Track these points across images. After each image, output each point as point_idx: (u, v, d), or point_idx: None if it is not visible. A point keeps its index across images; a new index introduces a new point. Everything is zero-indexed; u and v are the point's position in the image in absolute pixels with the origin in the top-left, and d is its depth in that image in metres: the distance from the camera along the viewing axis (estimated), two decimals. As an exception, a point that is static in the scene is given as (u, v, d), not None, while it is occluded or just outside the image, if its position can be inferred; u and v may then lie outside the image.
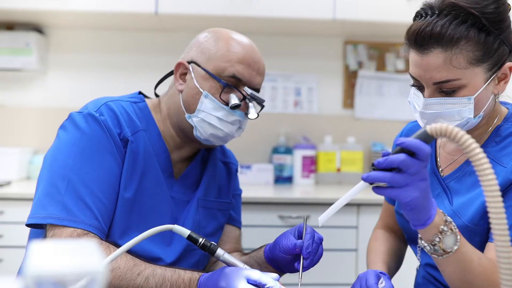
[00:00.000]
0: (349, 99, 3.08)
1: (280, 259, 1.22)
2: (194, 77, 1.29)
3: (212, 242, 1.06)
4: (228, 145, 1.52)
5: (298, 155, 2.90)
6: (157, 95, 1.43)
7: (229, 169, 1.48)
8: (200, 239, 1.05)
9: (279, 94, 3.05)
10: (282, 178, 2.92)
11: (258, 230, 2.35)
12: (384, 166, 0.92)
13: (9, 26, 2.92)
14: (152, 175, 1.28)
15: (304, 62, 3.07)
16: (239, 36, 1.33)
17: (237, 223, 1.50)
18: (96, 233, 1.15)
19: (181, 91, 1.31)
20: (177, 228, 1.02)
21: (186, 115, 1.29)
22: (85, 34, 3.00)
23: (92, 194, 1.16)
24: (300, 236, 1.22)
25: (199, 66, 1.29)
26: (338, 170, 2.98)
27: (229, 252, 1.44)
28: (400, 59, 3.08)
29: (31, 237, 1.31)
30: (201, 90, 1.27)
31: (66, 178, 1.16)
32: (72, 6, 2.60)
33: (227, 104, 1.27)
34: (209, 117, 1.27)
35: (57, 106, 2.93)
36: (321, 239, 1.20)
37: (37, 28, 2.94)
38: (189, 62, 1.31)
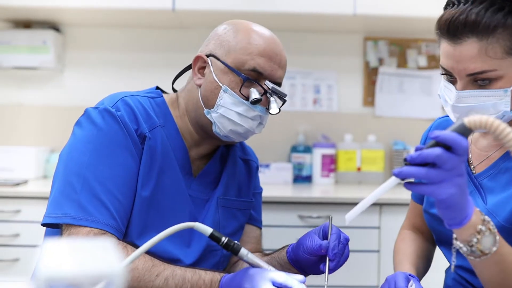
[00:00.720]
0: (369, 97, 3.03)
1: (304, 260, 1.18)
2: (213, 71, 1.24)
3: (235, 241, 1.01)
4: (246, 143, 1.47)
5: (318, 154, 2.85)
6: (175, 90, 1.38)
7: (249, 166, 1.44)
8: (223, 238, 1.00)
9: (298, 91, 3.00)
10: (301, 177, 2.87)
11: (277, 230, 2.30)
12: (418, 161, 0.86)
13: (27, 24, 2.91)
14: (170, 173, 1.24)
15: (323, 59, 3.02)
16: (259, 28, 1.28)
17: (257, 223, 1.45)
18: (113, 233, 1.11)
19: (199, 86, 1.27)
20: (199, 226, 0.97)
21: (205, 110, 1.25)
22: (102, 31, 2.99)
23: (109, 193, 1.12)
24: (325, 237, 1.17)
25: (218, 59, 1.24)
26: (359, 169, 2.92)
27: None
28: (422, 56, 3.01)
29: (47, 236, 1.27)
30: (220, 84, 1.23)
31: (81, 176, 1.12)
32: (88, 3, 2.59)
33: (247, 98, 1.22)
34: (229, 113, 1.22)
35: (74, 104, 2.91)
36: (347, 240, 1.15)
37: (54, 26, 2.93)
38: (207, 56, 1.27)
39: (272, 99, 1.24)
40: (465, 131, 0.85)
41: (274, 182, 2.76)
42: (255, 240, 1.44)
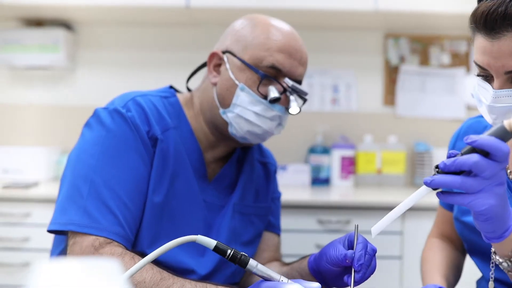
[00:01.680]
0: (390, 96, 2.93)
1: (327, 271, 1.10)
2: (229, 68, 1.17)
3: (243, 253, 0.92)
4: (263, 145, 1.40)
5: (336, 156, 2.77)
6: (189, 90, 1.31)
7: (268, 170, 1.36)
8: (229, 250, 0.90)
9: (316, 91, 2.92)
10: (319, 180, 2.78)
11: (296, 235, 2.22)
12: (453, 169, 0.79)
13: (38, 22, 2.87)
14: (184, 177, 1.17)
15: (342, 57, 2.93)
16: (278, 22, 1.20)
17: (276, 229, 1.38)
18: (120, 241, 1.04)
19: (215, 84, 1.20)
20: (202, 239, 0.88)
21: (221, 110, 1.17)
22: (114, 30, 2.94)
23: (117, 198, 1.05)
24: (350, 246, 1.09)
25: (234, 56, 1.17)
26: (379, 171, 2.83)
27: (268, 261, 1.32)
28: (445, 53, 2.91)
29: (56, 243, 1.21)
30: (237, 82, 1.16)
31: (88, 180, 1.06)
32: (100, 1, 2.53)
33: (265, 97, 1.15)
34: (246, 112, 1.15)
35: (86, 104, 2.86)
36: (374, 251, 1.07)
37: (66, 24, 2.88)
38: (223, 52, 1.20)
39: (292, 97, 1.17)
40: (505, 135, 0.78)
41: (291, 184, 2.68)
42: (273, 248, 1.36)
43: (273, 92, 1.14)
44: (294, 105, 1.16)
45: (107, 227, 1.03)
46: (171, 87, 1.29)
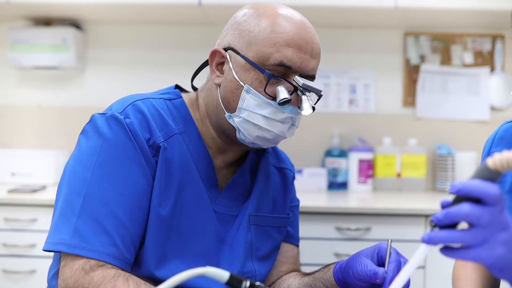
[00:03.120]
0: (410, 97, 2.82)
1: (354, 285, 1.02)
2: (233, 68, 1.05)
3: (258, 283, 0.80)
4: (279, 147, 1.29)
5: (354, 159, 2.67)
6: (195, 88, 1.20)
7: (285, 176, 1.25)
8: (244, 283, 0.79)
9: (332, 91, 2.82)
10: (336, 184, 2.68)
11: (312, 243, 2.12)
12: (448, 223, 0.70)
13: (47, 21, 2.81)
14: (192, 186, 1.06)
15: (360, 56, 2.84)
16: (286, 11, 1.07)
17: (294, 240, 1.28)
18: (114, 263, 0.95)
19: (218, 85, 1.07)
20: (212, 271, 0.76)
21: (226, 114, 1.06)
22: (124, 28, 2.88)
23: (112, 216, 0.96)
24: (381, 261, 0.99)
25: (237, 53, 1.05)
26: (398, 175, 2.72)
27: (287, 273, 1.23)
28: (467, 52, 2.80)
29: (55, 260, 1.10)
30: (242, 83, 1.03)
31: (82, 196, 0.96)
32: (111, -1, 2.46)
33: (274, 98, 1.02)
34: (253, 116, 1.03)
35: (95, 105, 2.79)
36: None
37: (75, 23, 2.83)
38: (225, 49, 1.08)
39: (304, 97, 1.03)
40: (491, 175, 0.69)
41: (307, 189, 2.58)
42: (292, 260, 1.27)
43: (283, 93, 1.01)
44: (307, 106, 1.03)
45: (98, 248, 0.94)
46: (176, 86, 1.19)
